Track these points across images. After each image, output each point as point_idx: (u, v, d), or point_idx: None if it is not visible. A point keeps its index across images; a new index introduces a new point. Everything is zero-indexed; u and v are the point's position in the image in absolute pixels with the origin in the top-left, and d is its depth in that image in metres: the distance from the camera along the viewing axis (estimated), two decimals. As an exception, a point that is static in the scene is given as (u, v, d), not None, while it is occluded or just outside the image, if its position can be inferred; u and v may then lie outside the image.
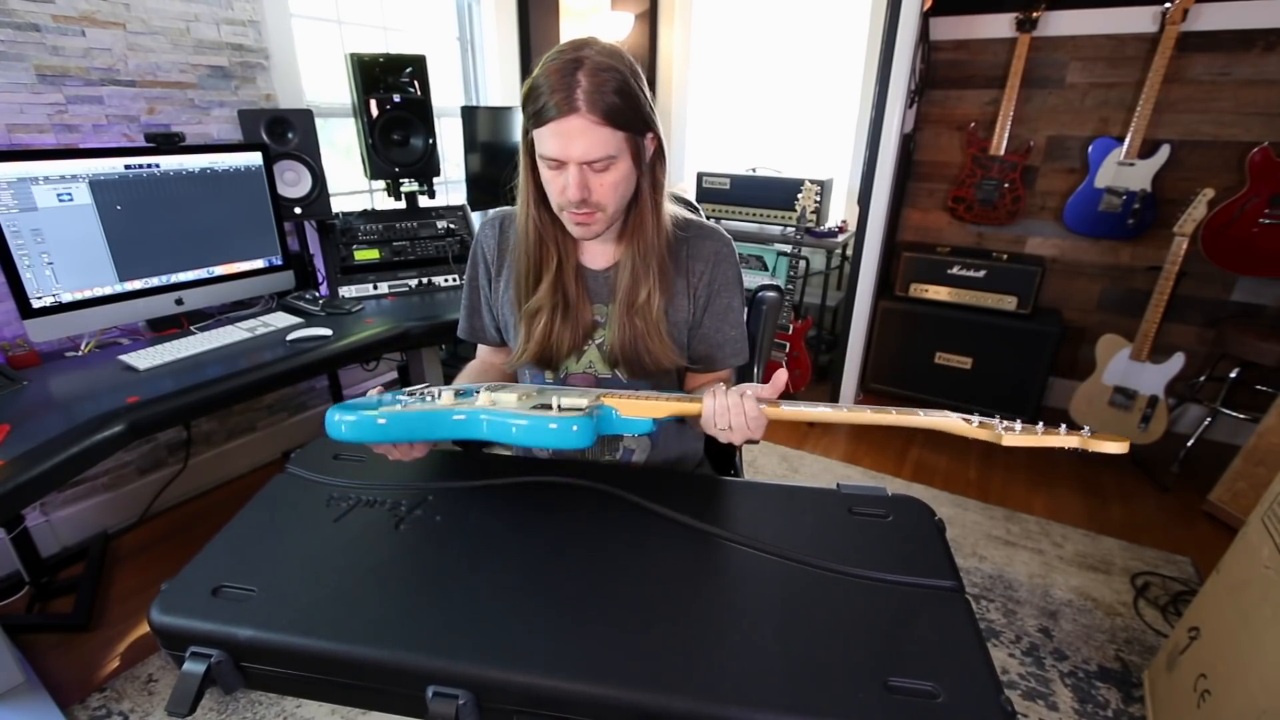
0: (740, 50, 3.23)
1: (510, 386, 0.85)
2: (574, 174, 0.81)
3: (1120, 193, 2.39)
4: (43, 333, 1.38)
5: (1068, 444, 0.67)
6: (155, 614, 0.64)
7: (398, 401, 0.78)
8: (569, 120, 0.78)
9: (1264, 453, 1.90)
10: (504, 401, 0.77)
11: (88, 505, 1.82)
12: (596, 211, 0.85)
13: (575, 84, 0.77)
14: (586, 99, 0.77)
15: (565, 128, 0.78)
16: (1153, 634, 1.59)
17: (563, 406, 0.76)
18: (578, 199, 0.82)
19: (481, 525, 0.77)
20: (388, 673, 0.59)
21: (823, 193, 2.63)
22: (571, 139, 0.79)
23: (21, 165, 1.31)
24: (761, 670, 0.57)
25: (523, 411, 0.74)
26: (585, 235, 0.89)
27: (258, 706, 1.36)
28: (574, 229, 0.88)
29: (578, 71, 0.77)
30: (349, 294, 1.88)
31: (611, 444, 1.00)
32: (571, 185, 0.82)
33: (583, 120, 0.78)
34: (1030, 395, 2.54)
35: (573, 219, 0.86)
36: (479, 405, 0.77)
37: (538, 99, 0.79)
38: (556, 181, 0.83)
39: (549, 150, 0.81)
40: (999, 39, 2.50)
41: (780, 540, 0.73)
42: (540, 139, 0.81)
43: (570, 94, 0.77)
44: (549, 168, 0.83)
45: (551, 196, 0.86)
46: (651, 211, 0.90)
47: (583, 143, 0.79)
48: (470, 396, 0.79)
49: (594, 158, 0.80)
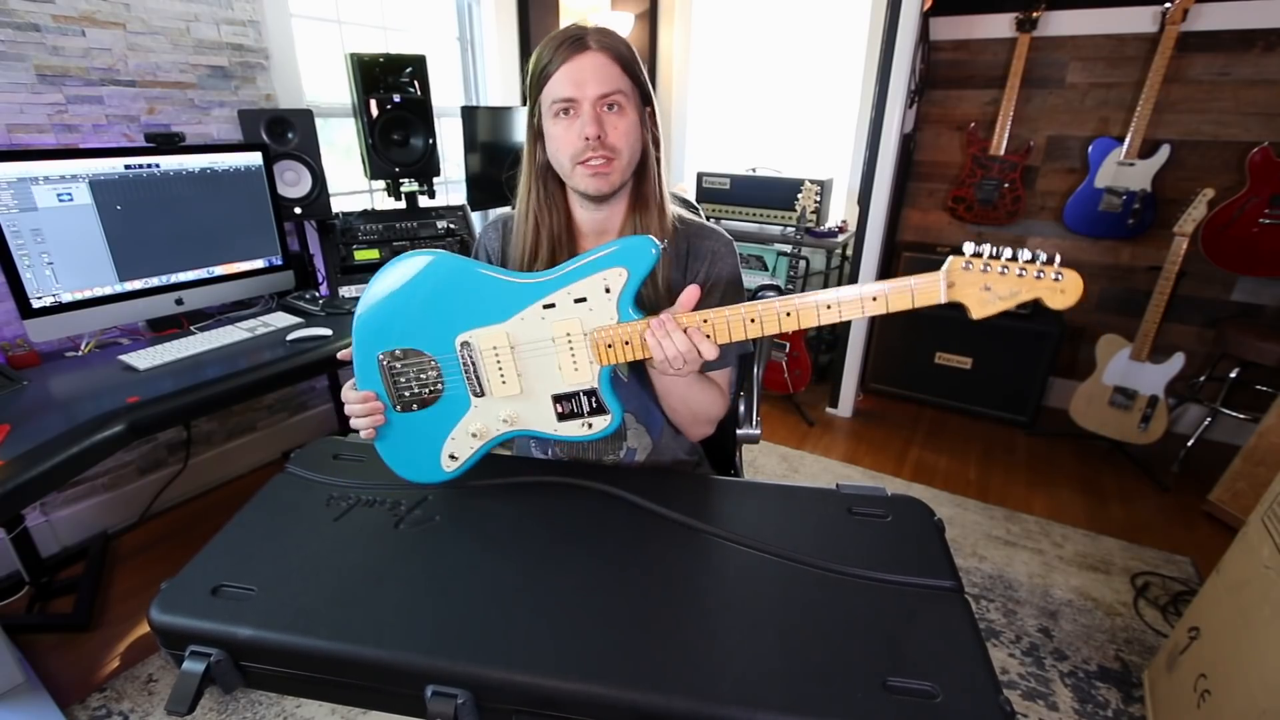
0: (740, 50, 3.23)
1: (485, 365, 0.83)
2: (589, 112, 0.82)
3: (1120, 193, 2.39)
4: (43, 333, 1.38)
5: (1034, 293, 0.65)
6: (155, 613, 0.64)
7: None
8: (581, 58, 0.81)
9: (1264, 453, 1.90)
10: (524, 415, 0.82)
11: (88, 505, 1.82)
12: (613, 158, 0.84)
13: (584, 33, 0.82)
14: (596, 40, 0.82)
15: (578, 64, 0.81)
16: (1153, 634, 1.59)
17: (582, 405, 0.79)
18: (594, 134, 0.82)
19: (481, 525, 0.77)
20: (387, 672, 0.59)
21: (823, 193, 2.63)
22: (585, 74, 0.81)
23: (21, 165, 1.31)
24: (761, 670, 0.57)
25: (556, 431, 0.81)
26: (602, 188, 0.86)
27: (257, 706, 1.36)
28: (589, 181, 0.85)
29: (580, 28, 0.83)
30: (349, 294, 1.88)
31: (614, 443, 1.00)
32: (588, 122, 0.82)
33: (594, 57, 0.81)
34: (1030, 395, 2.54)
35: (589, 170, 0.84)
36: (501, 432, 0.83)
37: (546, 57, 0.82)
38: (571, 130, 0.83)
39: (564, 91, 0.81)
40: (999, 39, 2.50)
41: (780, 540, 0.73)
42: (551, 89, 0.82)
43: (580, 39, 0.81)
44: (562, 115, 0.83)
45: (564, 151, 0.84)
46: (656, 183, 0.92)
47: (596, 77, 0.81)
48: (481, 422, 0.84)
49: (607, 90, 0.82)
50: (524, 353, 0.79)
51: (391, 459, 0.84)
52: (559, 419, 0.80)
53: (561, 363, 0.78)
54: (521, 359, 0.79)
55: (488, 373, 0.79)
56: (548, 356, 0.78)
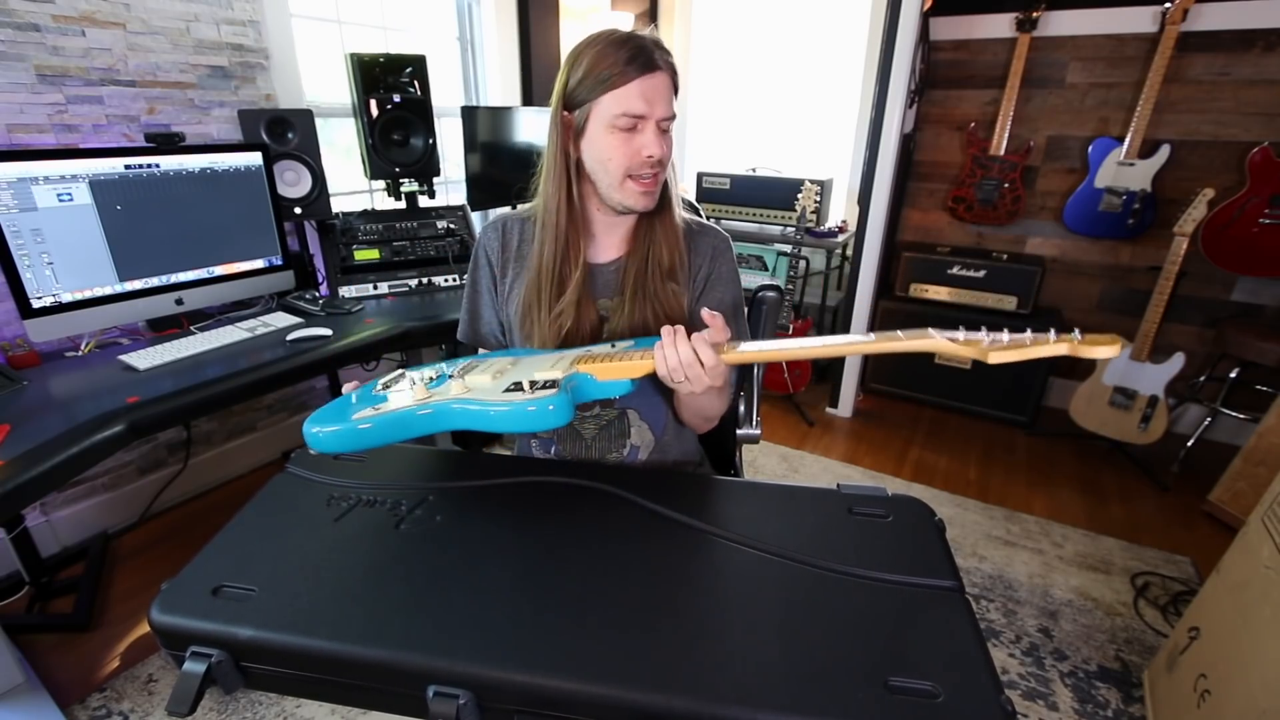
0: (740, 50, 3.23)
1: (481, 364, 0.85)
2: (654, 131, 0.83)
3: (1120, 193, 2.39)
4: (43, 333, 1.38)
5: (1057, 352, 0.64)
6: (155, 614, 0.64)
7: (373, 401, 0.78)
8: (656, 76, 0.82)
9: (1264, 453, 1.90)
10: (478, 386, 0.77)
11: (88, 505, 1.81)
12: (662, 174, 0.88)
13: (653, 47, 0.82)
14: (664, 62, 0.83)
15: (653, 83, 0.82)
16: (1153, 634, 1.59)
17: (535, 382, 0.75)
18: (660, 154, 0.84)
19: (481, 525, 0.77)
20: (388, 672, 0.59)
21: (823, 193, 2.63)
22: (657, 95, 0.82)
23: (21, 165, 1.31)
24: (762, 670, 0.57)
25: (497, 399, 0.73)
26: (649, 205, 0.90)
27: (258, 706, 1.36)
28: (640, 198, 0.88)
29: (648, 41, 0.82)
30: (349, 294, 1.88)
31: (617, 442, 1.00)
32: (653, 143, 0.83)
33: (665, 79, 0.84)
34: (1030, 395, 2.54)
35: (640, 187, 0.87)
36: (452, 395, 0.76)
37: (615, 62, 0.81)
38: (632, 143, 0.84)
39: (634, 107, 0.82)
40: (999, 39, 2.50)
41: (780, 540, 0.73)
42: (619, 99, 0.82)
43: (652, 55, 0.82)
44: (622, 129, 0.83)
45: (619, 162, 0.85)
46: (672, 190, 0.94)
47: (663, 99, 0.83)
48: (443, 383, 0.79)
49: (670, 114, 0.84)
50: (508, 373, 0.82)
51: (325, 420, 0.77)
52: (504, 391, 0.76)
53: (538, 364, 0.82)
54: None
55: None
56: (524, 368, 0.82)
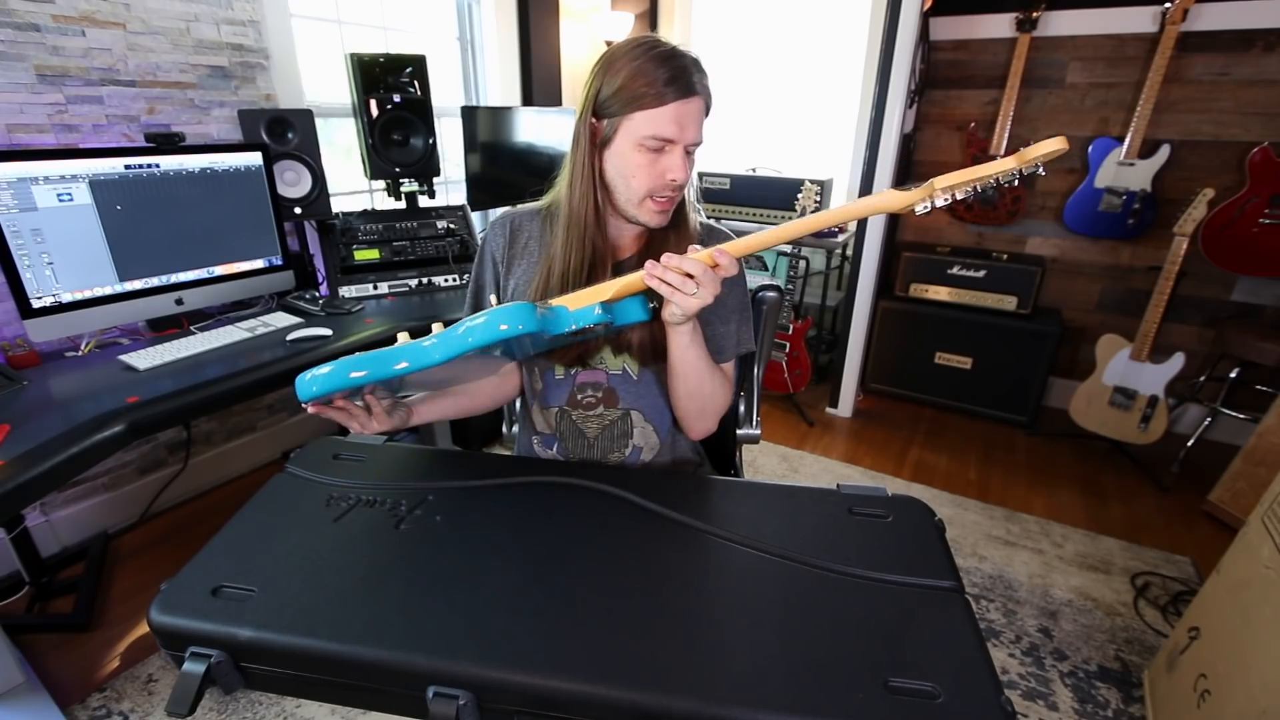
0: (740, 50, 3.23)
1: None
2: (680, 156, 0.83)
3: (1120, 193, 2.39)
4: (43, 333, 1.38)
5: (1005, 167, 0.64)
6: (155, 614, 0.64)
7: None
8: (692, 102, 0.81)
9: (1264, 453, 1.90)
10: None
11: (88, 505, 1.82)
12: (676, 197, 0.88)
13: (692, 69, 0.81)
14: (701, 86, 0.82)
15: (689, 109, 0.81)
16: (1153, 634, 1.59)
17: None
18: (684, 179, 0.84)
19: (481, 525, 0.77)
20: (388, 673, 0.59)
21: (823, 193, 2.63)
22: (690, 120, 0.82)
23: (21, 165, 1.30)
24: (761, 670, 0.57)
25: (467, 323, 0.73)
26: (663, 223, 0.90)
27: (258, 706, 1.36)
28: (656, 217, 0.88)
29: (687, 61, 0.81)
30: (349, 294, 1.88)
31: (620, 442, 1.00)
32: (678, 167, 0.83)
33: (700, 104, 0.82)
34: (1030, 395, 2.54)
35: (657, 206, 0.87)
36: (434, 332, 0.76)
37: (653, 81, 0.79)
38: (657, 164, 0.84)
39: (665, 131, 0.81)
40: (999, 39, 2.50)
41: (780, 540, 0.73)
42: (652, 120, 0.81)
43: (690, 79, 0.80)
44: (650, 149, 0.83)
45: (642, 181, 0.85)
46: (691, 200, 0.96)
47: (696, 126, 0.83)
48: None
49: (699, 140, 0.84)
50: None
51: None
52: None
53: None
54: None
55: None
56: None
